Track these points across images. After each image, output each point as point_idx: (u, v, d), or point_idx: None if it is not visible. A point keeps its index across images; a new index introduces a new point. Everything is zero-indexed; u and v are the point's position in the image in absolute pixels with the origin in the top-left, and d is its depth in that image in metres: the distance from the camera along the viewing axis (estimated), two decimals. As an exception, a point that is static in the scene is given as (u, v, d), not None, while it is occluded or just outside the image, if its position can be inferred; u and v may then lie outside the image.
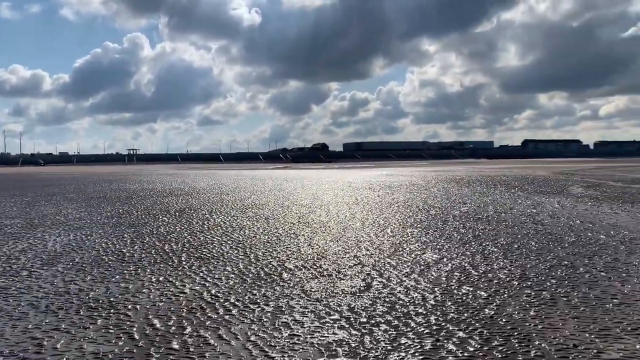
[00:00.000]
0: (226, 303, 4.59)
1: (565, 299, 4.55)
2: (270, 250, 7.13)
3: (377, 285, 5.14)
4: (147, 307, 4.52)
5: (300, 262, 6.27)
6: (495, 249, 6.92)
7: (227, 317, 4.21)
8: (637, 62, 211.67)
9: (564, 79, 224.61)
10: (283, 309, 4.38)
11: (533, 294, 4.72)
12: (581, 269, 5.69)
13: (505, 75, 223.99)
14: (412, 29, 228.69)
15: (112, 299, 4.77)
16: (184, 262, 6.41)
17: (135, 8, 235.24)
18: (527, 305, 4.36)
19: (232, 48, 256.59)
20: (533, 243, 7.33)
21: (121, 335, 3.81)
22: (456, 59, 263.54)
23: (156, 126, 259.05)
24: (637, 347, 3.42)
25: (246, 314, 4.28)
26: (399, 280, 5.31)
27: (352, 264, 6.14)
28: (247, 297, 4.77)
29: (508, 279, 5.30)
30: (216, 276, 5.63)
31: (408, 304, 4.49)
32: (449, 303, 4.47)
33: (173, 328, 3.95)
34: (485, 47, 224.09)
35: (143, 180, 30.03)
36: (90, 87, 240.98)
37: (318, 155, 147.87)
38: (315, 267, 6.02)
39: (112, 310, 4.42)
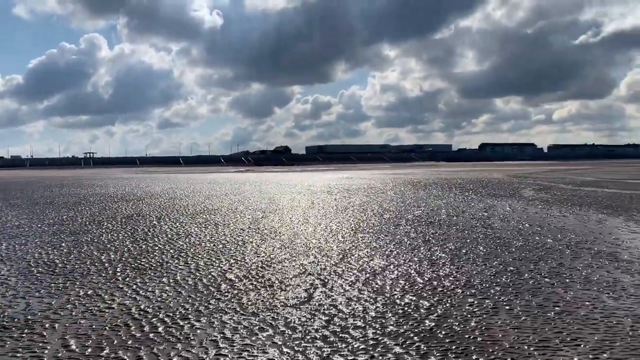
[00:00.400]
0: (154, 319, 4.29)
1: (507, 307, 4.45)
2: (213, 259, 6.83)
3: (319, 296, 4.94)
4: (67, 325, 4.16)
5: (243, 272, 6.01)
6: (443, 255, 6.83)
7: (151, 335, 3.91)
8: (587, 69, 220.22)
9: (519, 84, 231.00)
10: (214, 325, 4.11)
11: (476, 302, 4.61)
12: (526, 275, 5.64)
13: (463, 81, 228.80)
14: (374, 35, 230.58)
15: (29, 317, 4.39)
16: (118, 273, 6.03)
17: (93, 8, 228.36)
18: (469, 316, 4.23)
19: (193, 50, 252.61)
20: (481, 248, 7.29)
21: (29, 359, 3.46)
22: (416, 64, 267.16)
23: (114, 129, 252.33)
24: (575, 359, 3.33)
25: (173, 331, 3.99)
26: (342, 291, 5.12)
27: (297, 273, 5.92)
28: (178, 312, 4.47)
29: (452, 286, 5.19)
30: (150, 289, 5.30)
31: (348, 316, 4.29)
32: (390, 314, 4.30)
33: (89, 350, 3.63)
34: (443, 53, 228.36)
35: (97, 184, 29.00)
36: (45, 88, 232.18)
37: (280, 158, 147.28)
38: (257, 277, 5.77)
39: (26, 330, 4.04)
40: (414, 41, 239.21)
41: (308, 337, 3.81)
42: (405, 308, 4.48)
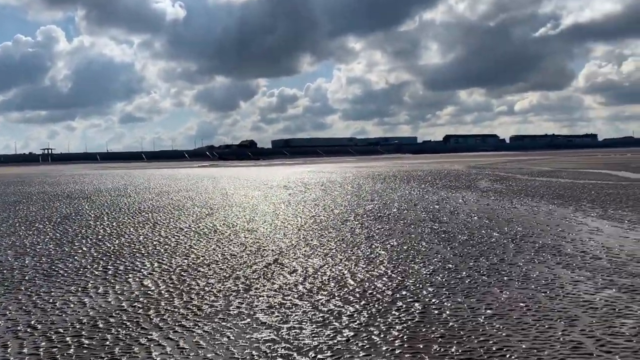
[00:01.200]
0: (40, 338, 3.77)
1: (436, 311, 4.11)
2: (137, 263, 6.31)
3: (238, 304, 4.50)
4: None
5: (163, 278, 5.51)
6: (383, 252, 6.49)
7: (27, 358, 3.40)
8: (547, 61, 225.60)
9: (482, 76, 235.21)
10: (107, 344, 3.63)
11: (404, 306, 4.26)
12: (464, 272, 5.34)
13: (427, 73, 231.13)
14: (339, 27, 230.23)
15: None
16: (25, 282, 5.46)
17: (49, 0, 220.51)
18: (393, 322, 3.88)
19: (155, 43, 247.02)
20: (424, 244, 6.98)
21: None
22: (381, 56, 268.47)
23: (74, 124, 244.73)
24: (497, 372, 3.00)
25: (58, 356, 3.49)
26: (265, 297, 4.69)
27: (224, 277, 5.47)
28: (71, 329, 3.96)
29: (384, 288, 4.83)
30: (51, 299, 4.76)
31: (262, 327, 3.87)
32: (308, 324, 3.90)
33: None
34: (408, 46, 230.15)
35: (47, 182, 27.73)
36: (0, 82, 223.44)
37: (246, 152, 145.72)
38: (177, 283, 5.29)
39: None
40: (379, 33, 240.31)
41: (209, 355, 3.38)
42: (327, 315, 4.09)
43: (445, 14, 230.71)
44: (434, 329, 3.72)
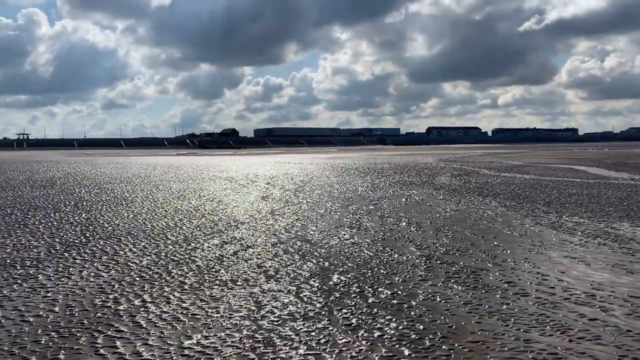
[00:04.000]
0: None
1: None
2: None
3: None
4: None
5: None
6: (258, 274, 4.93)
7: None
8: (531, 55, 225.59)
9: (467, 69, 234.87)
10: None
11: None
12: (339, 317, 3.81)
13: (413, 65, 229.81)
14: (325, 16, 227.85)
15: None
16: None
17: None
18: None
19: (139, 28, 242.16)
20: (311, 264, 5.44)
21: None
22: (367, 47, 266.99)
23: (56, 109, 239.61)
24: None
25: None
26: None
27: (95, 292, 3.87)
28: None
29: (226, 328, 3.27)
30: None
31: None
32: None
33: None
34: (394, 37, 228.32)
35: (2, 170, 25.70)
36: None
37: (227, 141, 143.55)
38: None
39: None
40: (366, 24, 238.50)
41: None
42: None
43: (431, 6, 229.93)
44: None
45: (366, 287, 4.55)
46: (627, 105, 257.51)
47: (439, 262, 5.46)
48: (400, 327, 3.57)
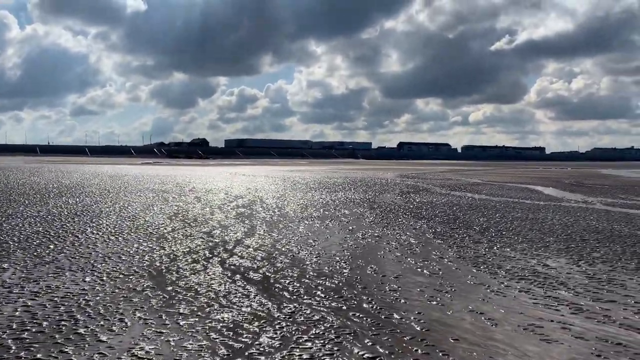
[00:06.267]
0: None
1: None
2: None
3: None
4: None
5: None
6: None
7: None
8: (502, 74, 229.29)
9: (439, 86, 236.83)
10: None
11: None
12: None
13: (386, 80, 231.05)
14: (301, 30, 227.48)
15: None
16: None
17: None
18: None
19: (112, 35, 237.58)
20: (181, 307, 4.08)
21: None
22: (342, 61, 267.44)
23: (23, 114, 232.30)
24: None
25: None
26: None
27: None
28: None
29: None
30: None
31: None
32: None
33: None
34: (369, 53, 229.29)
35: None
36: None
37: (196, 150, 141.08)
38: None
39: None
40: (341, 39, 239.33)
41: None
42: None
43: (405, 23, 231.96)
44: None
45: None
46: (592, 126, 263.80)
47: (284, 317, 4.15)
48: None
